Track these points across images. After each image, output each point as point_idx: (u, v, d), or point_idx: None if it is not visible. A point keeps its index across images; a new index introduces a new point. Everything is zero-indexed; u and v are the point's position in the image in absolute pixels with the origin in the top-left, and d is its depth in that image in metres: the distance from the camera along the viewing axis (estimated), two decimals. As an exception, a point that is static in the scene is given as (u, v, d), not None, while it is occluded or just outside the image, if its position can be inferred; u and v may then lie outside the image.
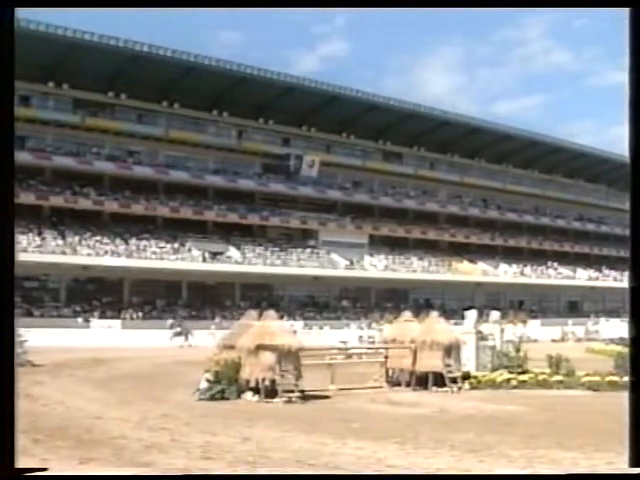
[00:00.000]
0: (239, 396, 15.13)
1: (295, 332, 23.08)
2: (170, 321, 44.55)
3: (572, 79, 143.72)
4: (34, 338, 24.78)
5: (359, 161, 67.06)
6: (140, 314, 47.56)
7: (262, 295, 54.78)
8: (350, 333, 44.57)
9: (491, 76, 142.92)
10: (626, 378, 17.04)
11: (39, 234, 47.08)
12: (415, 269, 63.72)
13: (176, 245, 52.66)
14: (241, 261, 54.26)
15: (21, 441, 8.16)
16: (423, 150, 70.51)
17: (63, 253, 46.10)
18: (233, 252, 55.01)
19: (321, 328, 49.07)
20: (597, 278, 75.52)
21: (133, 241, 50.91)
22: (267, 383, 15.23)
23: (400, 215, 67.37)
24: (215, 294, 53.38)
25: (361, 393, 16.81)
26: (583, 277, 74.76)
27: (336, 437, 10.31)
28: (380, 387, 17.98)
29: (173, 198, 54.84)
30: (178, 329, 41.99)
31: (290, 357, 15.44)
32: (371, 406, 14.74)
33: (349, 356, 21.76)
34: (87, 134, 51.94)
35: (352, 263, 60.59)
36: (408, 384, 17.92)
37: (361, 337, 42.53)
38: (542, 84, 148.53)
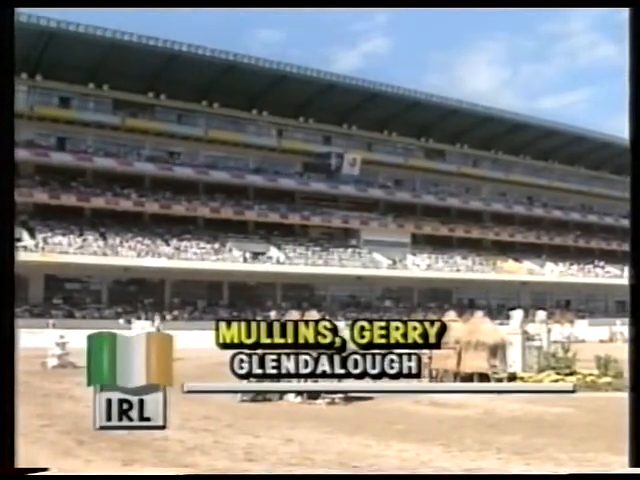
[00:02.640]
0: (281, 397, 15.13)
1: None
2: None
3: (618, 73, 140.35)
4: (76, 339, 25.20)
5: (401, 159, 66.73)
6: (183, 315, 48.08)
7: (303, 295, 54.88)
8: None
9: (535, 71, 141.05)
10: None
11: (80, 235, 47.88)
12: (459, 268, 63.21)
13: (217, 245, 53.08)
14: (282, 261, 54.45)
15: (66, 442, 8.30)
16: (466, 147, 69.88)
17: (104, 254, 46.83)
18: (274, 252, 55.23)
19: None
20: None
21: (174, 242, 51.47)
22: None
23: (443, 213, 66.89)
24: (256, 294, 53.65)
25: (404, 394, 16.71)
26: (633, 275, 73.46)
27: (380, 439, 10.28)
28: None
29: (213, 198, 55.29)
30: None
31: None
32: (415, 407, 14.67)
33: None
34: (127, 135, 52.68)
35: (394, 262, 60.35)
36: (453, 385, 17.79)
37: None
38: (588, 78, 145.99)
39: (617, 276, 71.63)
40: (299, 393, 15.12)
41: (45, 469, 6.06)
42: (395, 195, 65.00)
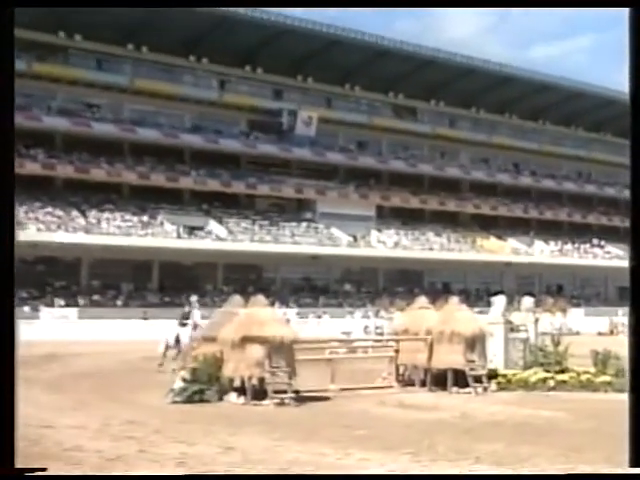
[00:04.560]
0: (221, 398, 15.12)
1: (288, 321, 23.05)
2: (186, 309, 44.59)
3: (627, 17, 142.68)
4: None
5: (365, 118, 66.91)
6: (104, 301, 47.62)
7: (249, 277, 54.87)
8: (354, 323, 44.60)
9: (526, 15, 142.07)
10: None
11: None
12: (432, 247, 63.82)
13: (145, 218, 52.61)
14: (224, 237, 54.27)
15: None
16: (442, 104, 70.33)
17: (8, 227, 45.96)
18: (214, 226, 55.00)
19: (319, 317, 49.21)
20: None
21: (92, 213, 50.85)
22: (255, 382, 15.22)
23: (414, 182, 67.34)
24: (193, 276, 53.43)
25: (367, 394, 16.81)
26: (636, 257, 75.00)
27: (337, 446, 10.31)
28: (390, 387, 18.00)
29: (141, 162, 54.70)
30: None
31: (282, 351, 15.42)
32: (379, 409, 14.74)
33: (353, 350, 21.77)
34: (34, 83, 51.15)
35: (356, 239, 60.63)
36: (423, 383, 17.92)
37: (367, 327, 42.57)
38: (589, 24, 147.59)
39: (619, 257, 72.87)
40: (242, 393, 15.12)
41: (45, 469, 6.48)
42: (358, 160, 65.19)
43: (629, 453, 6.15)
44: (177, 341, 21.21)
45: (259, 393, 15.07)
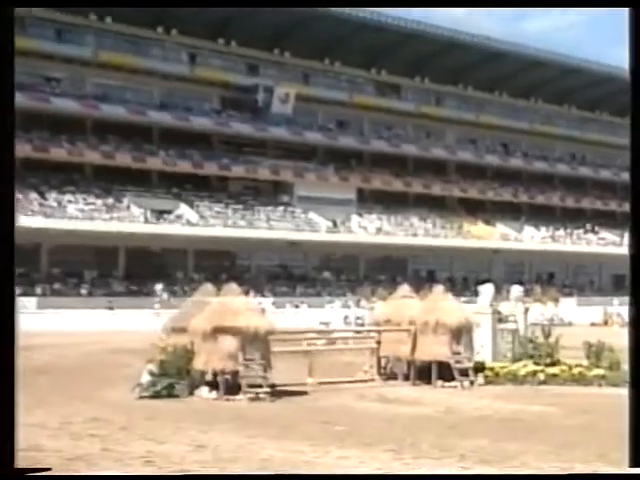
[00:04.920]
0: (191, 392, 15.14)
1: (264, 311, 23.03)
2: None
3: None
4: None
5: (345, 95, 66.73)
6: (65, 289, 47.37)
7: (222, 265, 54.74)
8: (333, 312, 44.67)
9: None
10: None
11: None
12: (416, 232, 63.95)
13: (110, 201, 52.31)
14: (195, 222, 54.09)
15: None
16: (427, 81, 70.30)
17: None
18: (185, 210, 54.78)
19: (297, 306, 49.24)
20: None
21: (53, 195, 50.50)
22: (227, 376, 15.24)
23: (397, 164, 67.37)
24: (161, 264, 53.25)
25: (347, 388, 16.89)
26: (632, 243, 75.40)
27: (315, 443, 10.35)
28: (371, 380, 18.08)
29: (105, 140, 54.33)
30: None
31: (257, 343, 15.44)
32: (359, 404, 14.84)
33: (332, 341, 21.80)
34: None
35: (336, 225, 60.64)
36: (406, 377, 18.03)
37: (347, 318, 42.67)
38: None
39: (614, 244, 73.37)
40: (214, 387, 15.12)
41: (45, 469, 6.78)
42: (338, 140, 65.09)
43: (629, 453, 6.39)
44: None
45: (232, 387, 15.10)
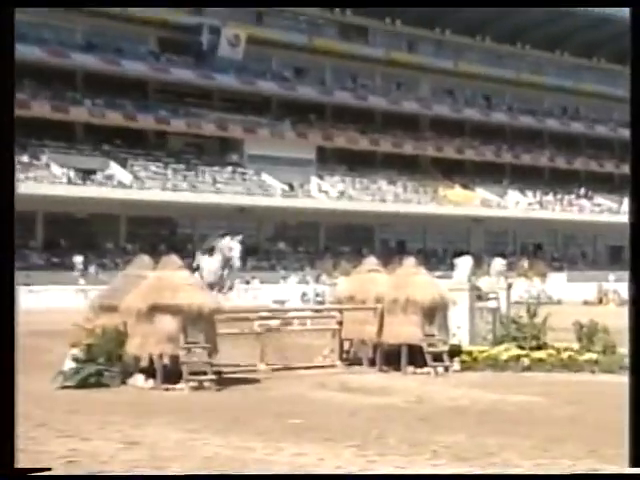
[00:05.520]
0: (124, 381, 15.06)
1: (209, 287, 23.00)
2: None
3: None
4: None
5: (304, 38, 66.44)
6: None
7: (160, 233, 54.62)
8: (289, 289, 44.79)
9: None
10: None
11: None
12: (384, 197, 64.14)
13: (25, 158, 51.68)
14: (128, 184, 53.76)
15: None
16: (398, 23, 70.18)
17: None
18: (116, 170, 54.40)
19: (247, 282, 49.21)
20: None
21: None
22: (166, 361, 15.18)
23: (364, 119, 67.40)
24: (88, 232, 52.91)
25: (305, 375, 16.91)
26: (632, 211, 76.13)
27: (267, 439, 10.34)
28: (332, 366, 18.12)
29: (20, 86, 53.53)
30: None
31: (201, 323, 15.37)
32: (318, 393, 14.84)
33: (288, 322, 21.82)
34: None
35: (293, 188, 60.64)
36: (372, 362, 18.08)
37: (305, 295, 42.87)
38: None
39: (611, 211, 74.16)
40: (150, 375, 15.06)
41: (45, 469, 7.14)
42: (295, 91, 64.87)
43: (629, 453, 6.61)
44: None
45: (172, 375, 15.02)
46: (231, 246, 19.27)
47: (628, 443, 6.68)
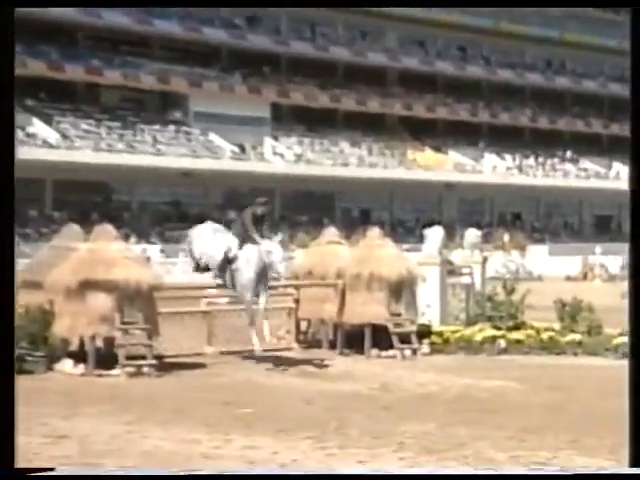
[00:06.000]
0: (50, 367, 14.97)
1: (149, 261, 22.88)
2: None
3: None
4: None
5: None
6: None
7: (92, 200, 54.23)
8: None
9: None
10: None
11: None
12: (347, 161, 64.14)
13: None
14: (55, 143, 53.30)
15: None
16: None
17: None
18: (40, 128, 53.89)
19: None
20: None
21: None
22: (99, 344, 15.13)
23: (324, 72, 67.20)
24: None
25: (256, 358, 16.92)
26: (625, 175, 76.33)
27: (213, 430, 10.37)
28: (287, 349, 18.13)
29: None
30: None
31: (139, 301, 15.33)
32: (272, 380, 14.93)
33: (238, 300, 21.85)
34: None
35: (244, 150, 60.47)
36: (332, 345, 18.15)
37: (257, 270, 42.85)
38: None
39: (599, 176, 74.50)
40: (81, 359, 14.98)
41: (46, 469, 7.46)
42: (247, 40, 64.51)
43: (629, 453, 7.02)
44: None
45: (106, 359, 14.98)
46: (270, 249, 16.06)
47: (628, 443, 7.06)
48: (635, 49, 7.96)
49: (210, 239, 16.74)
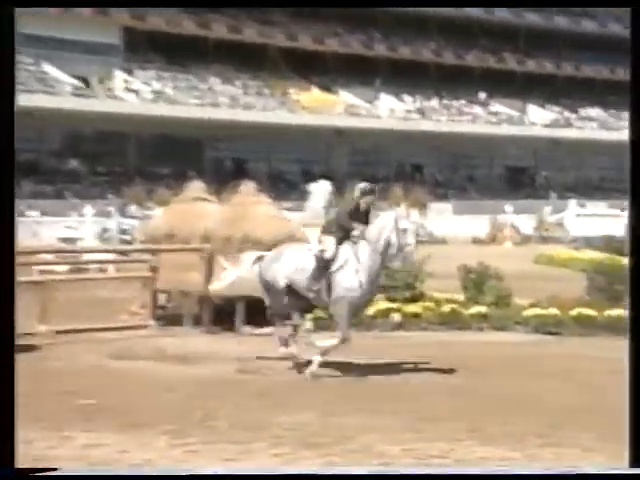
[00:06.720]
0: None
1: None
2: None
3: None
4: None
5: None
6: None
7: None
8: (84, 223, 44.37)
9: None
10: (610, 312, 18.13)
11: None
12: (217, 101, 63.93)
13: None
14: None
15: None
16: None
17: None
18: None
19: (23, 214, 48.36)
20: (570, 123, 78.53)
21: None
22: None
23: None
24: None
25: (103, 339, 16.86)
26: (541, 120, 77.39)
27: (46, 426, 10.29)
28: (142, 327, 18.10)
29: None
30: None
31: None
32: (123, 364, 14.88)
33: (80, 268, 21.66)
34: None
35: (89, 85, 59.78)
36: (197, 321, 18.15)
37: (106, 231, 42.62)
38: None
39: (512, 122, 75.26)
40: None
41: (46, 469, 8.10)
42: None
43: (629, 453, 7.63)
44: None
45: None
46: (402, 226, 14.26)
47: (628, 443, 7.63)
48: (635, 49, 8.99)
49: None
